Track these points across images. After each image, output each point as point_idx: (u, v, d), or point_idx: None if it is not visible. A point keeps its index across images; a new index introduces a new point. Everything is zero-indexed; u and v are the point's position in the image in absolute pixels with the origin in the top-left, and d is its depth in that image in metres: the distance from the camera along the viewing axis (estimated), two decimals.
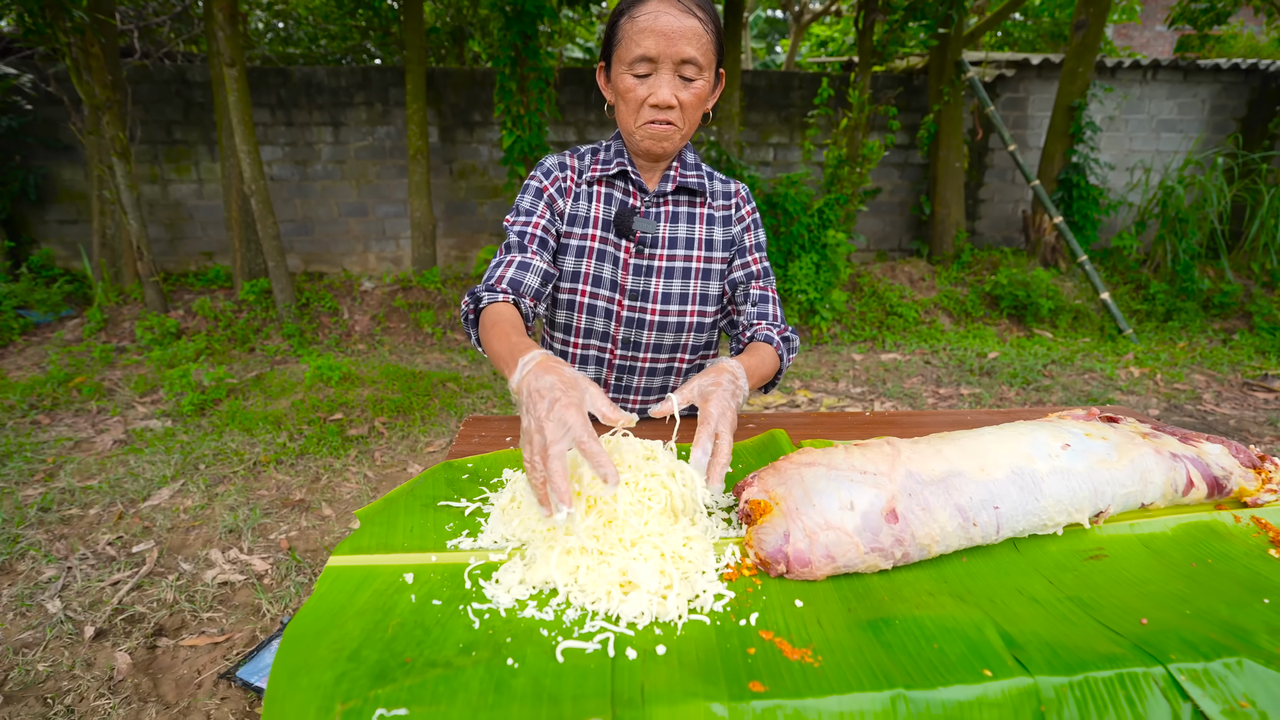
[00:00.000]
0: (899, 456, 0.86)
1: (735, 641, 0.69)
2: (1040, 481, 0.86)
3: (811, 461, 0.86)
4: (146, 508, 2.75)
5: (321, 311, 5.53)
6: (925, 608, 0.75)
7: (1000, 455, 0.88)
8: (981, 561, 0.86)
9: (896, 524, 0.79)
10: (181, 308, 5.41)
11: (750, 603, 0.76)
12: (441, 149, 6.39)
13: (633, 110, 1.15)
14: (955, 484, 0.83)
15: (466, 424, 1.33)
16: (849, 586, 0.80)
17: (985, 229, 6.95)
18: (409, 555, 0.85)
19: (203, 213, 6.26)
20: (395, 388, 3.93)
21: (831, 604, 0.76)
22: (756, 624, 0.72)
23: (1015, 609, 0.76)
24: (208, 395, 3.86)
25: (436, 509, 0.96)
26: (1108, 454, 0.92)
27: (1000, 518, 0.84)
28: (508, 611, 0.74)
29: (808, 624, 0.72)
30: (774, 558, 0.79)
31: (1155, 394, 4.09)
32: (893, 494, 0.81)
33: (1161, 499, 0.94)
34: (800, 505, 0.81)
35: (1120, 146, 6.76)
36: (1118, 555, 0.89)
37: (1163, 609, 0.77)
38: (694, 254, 1.29)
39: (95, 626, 2.04)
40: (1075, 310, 5.50)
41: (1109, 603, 0.78)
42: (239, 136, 4.73)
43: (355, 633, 0.70)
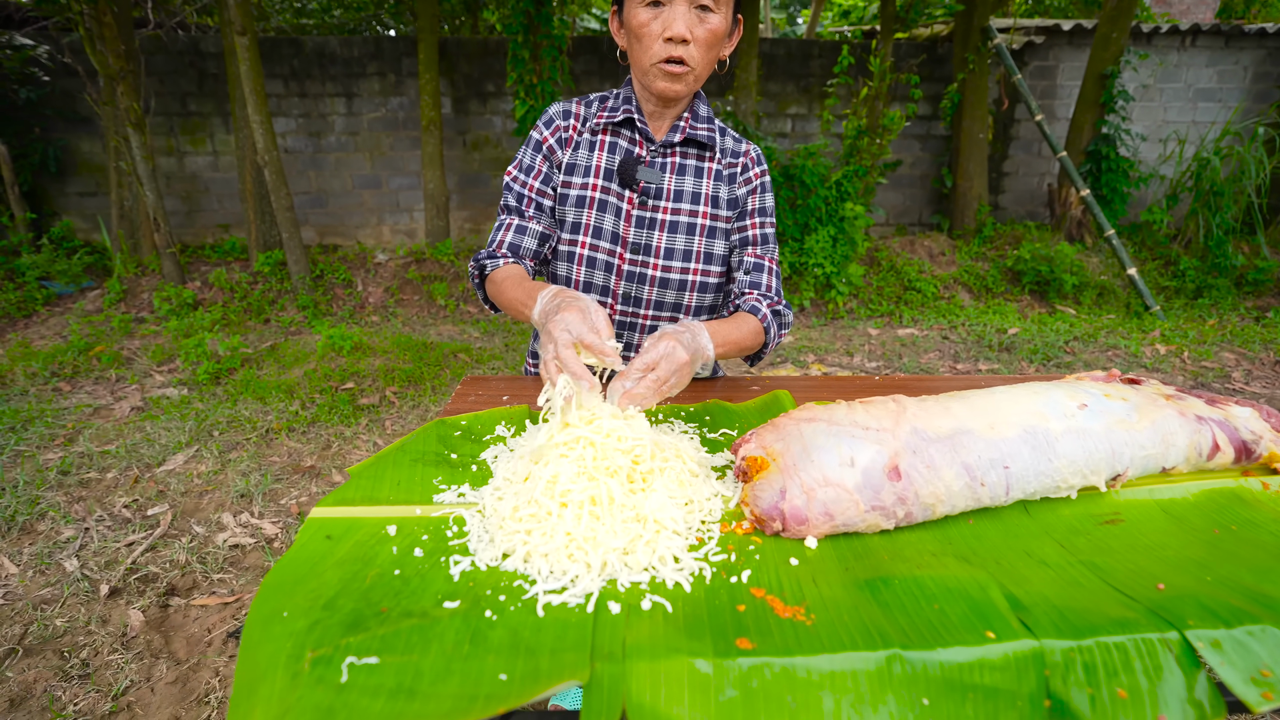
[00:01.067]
0: (904, 413, 0.82)
1: (725, 598, 0.67)
2: (1054, 441, 0.82)
3: (812, 417, 0.83)
4: (162, 472, 2.79)
5: (335, 283, 5.55)
6: (927, 568, 0.71)
7: (1012, 413, 0.84)
8: (989, 524, 0.82)
9: (899, 482, 0.76)
10: (198, 279, 5.45)
11: (744, 560, 0.73)
12: (455, 120, 6.32)
13: (646, 46, 1.09)
14: (963, 442, 0.79)
15: (464, 383, 1.30)
16: (848, 546, 0.76)
17: (1009, 203, 6.76)
18: (393, 508, 0.83)
19: (218, 185, 6.28)
20: (406, 358, 3.94)
21: (828, 562, 0.73)
22: (749, 581, 0.69)
23: (1023, 571, 0.72)
24: (223, 364, 3.89)
25: (425, 464, 0.94)
26: (1127, 415, 0.87)
27: (1010, 478, 0.80)
28: (489, 566, 0.72)
29: (802, 582, 0.69)
30: (769, 515, 0.76)
31: (1182, 372, 3.97)
32: (896, 450, 0.77)
33: (1184, 463, 0.89)
34: (798, 461, 0.77)
35: (1154, 117, 6.51)
36: (1135, 520, 0.84)
37: (1181, 574, 0.72)
38: (700, 209, 1.24)
39: (110, 585, 2.08)
40: (1100, 286, 5.34)
41: (1123, 567, 0.74)
42: (251, 107, 4.71)
43: (333, 582, 0.69)
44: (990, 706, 0.58)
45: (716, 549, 0.74)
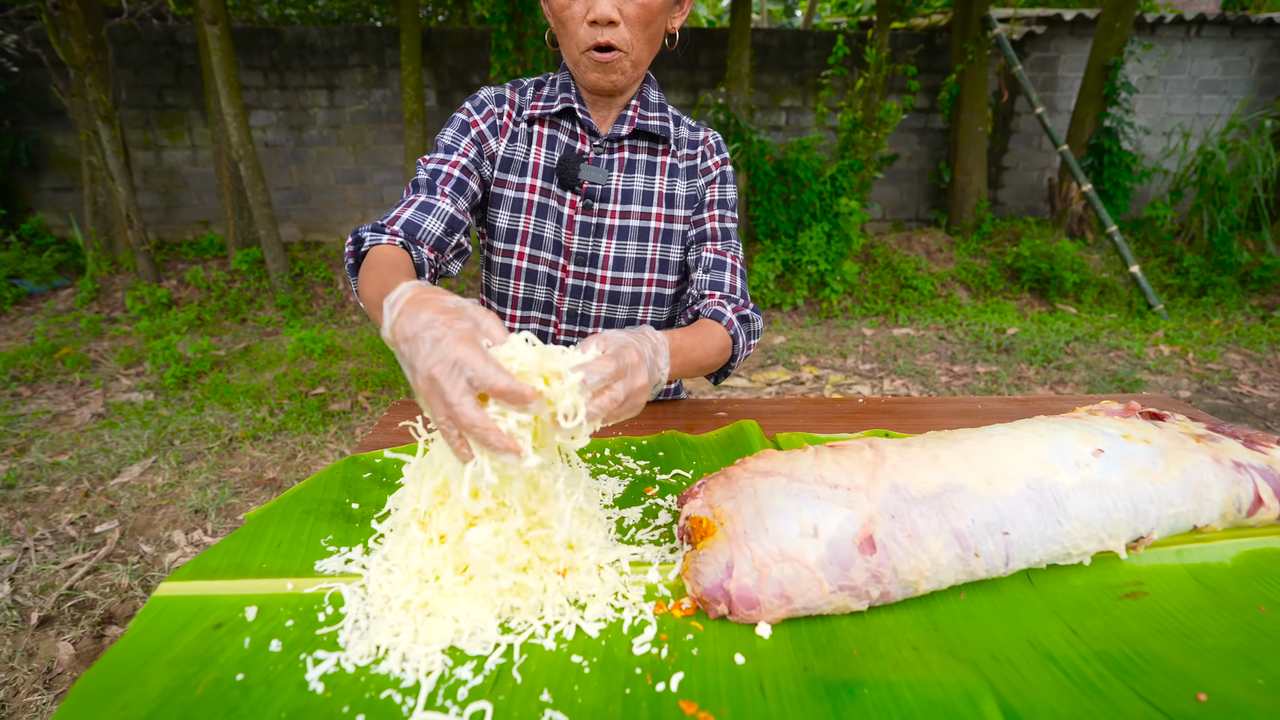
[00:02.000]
0: (882, 465, 0.67)
1: (644, 715, 0.52)
2: (1064, 499, 0.67)
3: (770, 470, 0.68)
4: (114, 485, 2.64)
5: (316, 282, 5.39)
6: (906, 668, 0.57)
7: (1013, 463, 0.69)
8: (984, 599, 0.68)
9: (873, 555, 0.61)
10: (174, 277, 5.30)
11: (677, 656, 0.59)
12: (439, 113, 6.15)
13: (571, 33, 0.94)
14: (953, 501, 0.65)
15: (392, 409, 1.16)
16: (809, 633, 0.62)
17: (1009, 198, 6.60)
18: (260, 581, 0.68)
19: (197, 180, 6.11)
20: (380, 360, 3.79)
21: (783, 659, 0.58)
22: (679, 689, 0.55)
23: (1024, 671, 0.58)
24: (191, 368, 3.74)
25: (319, 517, 0.80)
26: (1151, 462, 0.72)
27: (1010, 546, 0.65)
28: (358, 668, 0.57)
29: (748, 689, 0.55)
30: (712, 595, 0.61)
31: (1187, 374, 3.83)
32: (871, 515, 0.63)
33: (1220, 519, 0.74)
34: (750, 528, 0.63)
35: (1157, 109, 6.35)
36: (1161, 593, 0.70)
37: (1225, 675, 0.58)
38: (652, 210, 1.08)
39: (41, 613, 1.93)
40: (1102, 284, 5.20)
41: (1152, 664, 0.59)
42: (224, 99, 4.55)
43: (153, 694, 0.54)
44: None
45: (645, 643, 0.60)
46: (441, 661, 0.56)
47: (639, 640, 0.59)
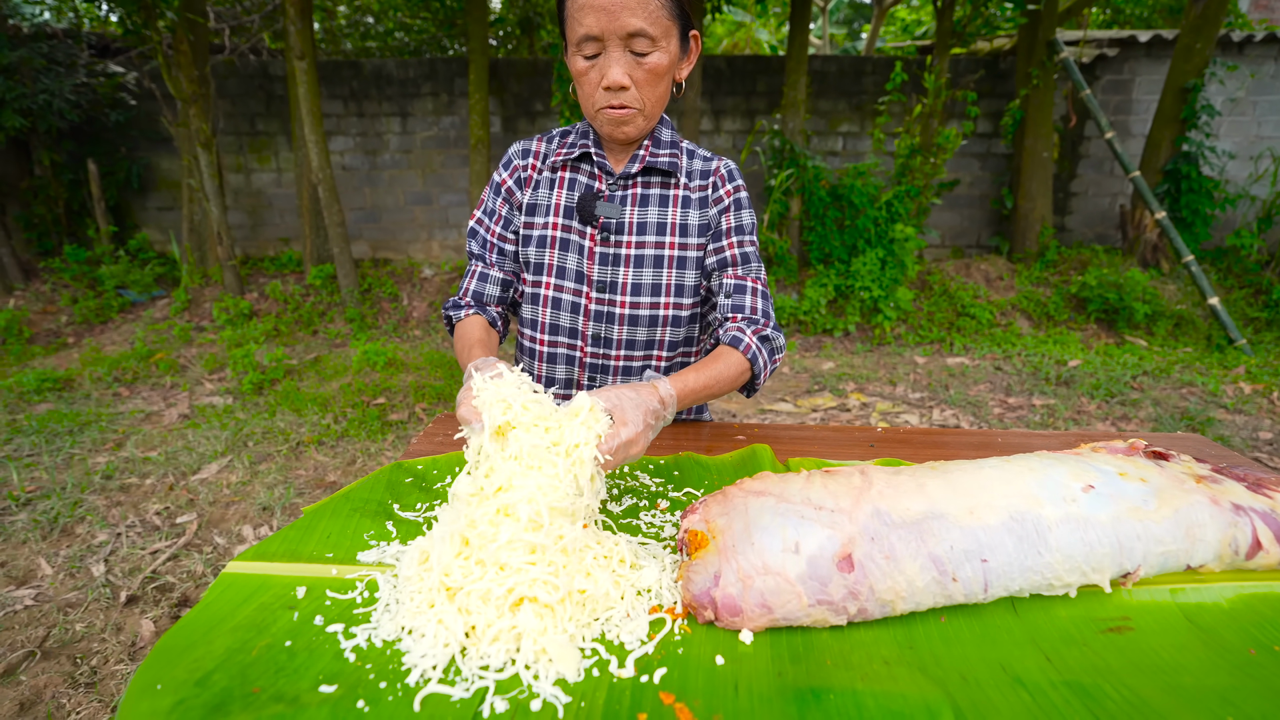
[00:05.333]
0: (868, 490, 0.72)
1: (627, 702, 0.59)
2: (1046, 532, 0.70)
3: (762, 490, 0.74)
4: (195, 481, 2.88)
5: (383, 297, 5.70)
6: (874, 680, 0.61)
7: (999, 495, 0.73)
8: (965, 623, 0.71)
9: (851, 573, 0.66)
10: (256, 290, 5.71)
11: (663, 654, 0.65)
12: (504, 139, 6.44)
13: (588, 95, 1.05)
14: (933, 528, 0.69)
15: (437, 421, 1.26)
16: (788, 642, 0.67)
17: (1077, 225, 6.36)
18: (310, 566, 0.78)
19: (281, 200, 6.58)
20: (438, 374, 3.98)
21: (760, 664, 0.64)
22: (660, 682, 0.61)
23: (989, 692, 0.61)
24: (267, 375, 4.03)
25: (364, 514, 0.90)
26: (1144, 501, 0.74)
27: (989, 573, 0.68)
28: (386, 642, 0.66)
29: (722, 688, 0.60)
30: (700, 601, 0.67)
31: (1270, 414, 3.60)
32: (851, 536, 0.67)
33: (1216, 561, 0.75)
34: (738, 542, 0.69)
35: (1245, 133, 6.01)
36: (1148, 629, 0.71)
37: (1194, 711, 0.60)
38: (666, 240, 1.17)
39: (129, 592, 2.14)
40: (1177, 316, 4.93)
41: (1121, 695, 0.62)
42: (307, 127, 4.92)
43: (218, 652, 0.64)
44: None
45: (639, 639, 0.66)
46: (457, 645, 0.64)
47: (631, 636, 0.66)
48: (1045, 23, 5.27)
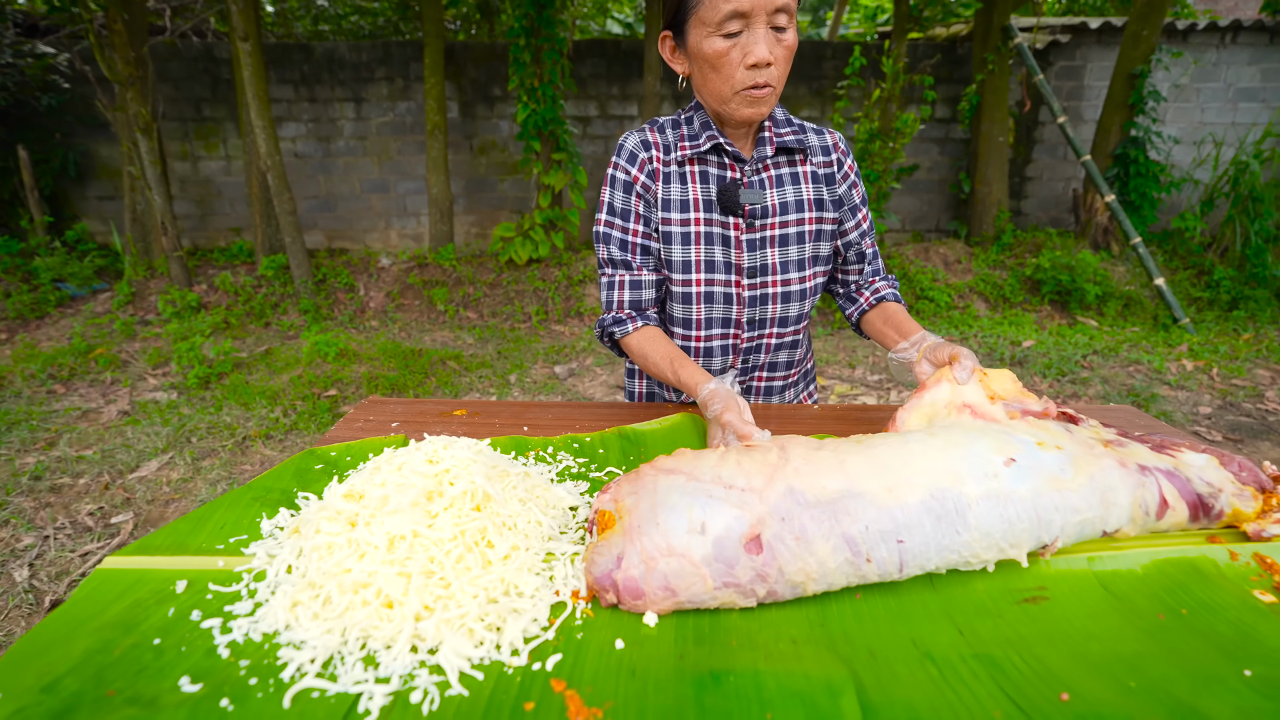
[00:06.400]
0: (784, 467, 0.69)
1: (515, 692, 0.55)
2: (966, 510, 0.68)
3: (673, 468, 0.71)
4: (133, 479, 2.76)
5: (338, 287, 5.55)
6: (778, 659, 0.59)
7: (920, 472, 0.70)
8: (881, 600, 0.69)
9: (760, 555, 0.63)
10: (205, 282, 5.51)
11: (562, 639, 0.62)
12: (461, 124, 6.30)
13: (727, 76, 1.02)
14: (849, 508, 0.66)
15: (360, 407, 1.21)
16: (694, 624, 0.64)
17: (1032, 209, 6.48)
18: (196, 559, 0.73)
19: (230, 189, 6.35)
20: (392, 365, 3.89)
21: (662, 648, 0.61)
22: (554, 669, 0.58)
23: (896, 667, 0.59)
24: (214, 369, 3.89)
25: (265, 503, 0.85)
26: (1061, 470, 0.73)
27: (905, 554, 0.66)
28: (266, 635, 0.61)
29: (619, 674, 0.57)
30: (602, 584, 0.64)
31: (1209, 390, 3.72)
32: (761, 516, 0.65)
33: (1130, 524, 0.74)
34: (643, 522, 0.65)
35: (1189, 119, 6.18)
36: (1063, 598, 0.70)
37: (1098, 678, 0.59)
38: (805, 216, 1.18)
39: (54, 597, 2.03)
40: (1126, 297, 5.07)
41: (1028, 665, 0.60)
42: (254, 112, 4.74)
43: (75, 654, 0.59)
44: None
45: (539, 626, 0.63)
46: (338, 637, 0.60)
47: (531, 622, 0.62)
48: (1000, 8, 5.33)
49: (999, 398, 0.87)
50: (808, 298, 1.22)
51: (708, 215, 1.15)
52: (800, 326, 1.27)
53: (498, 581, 0.65)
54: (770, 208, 1.16)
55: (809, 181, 1.18)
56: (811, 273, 1.21)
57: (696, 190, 1.15)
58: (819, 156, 1.20)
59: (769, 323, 1.22)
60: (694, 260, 1.16)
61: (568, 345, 4.51)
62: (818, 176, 1.19)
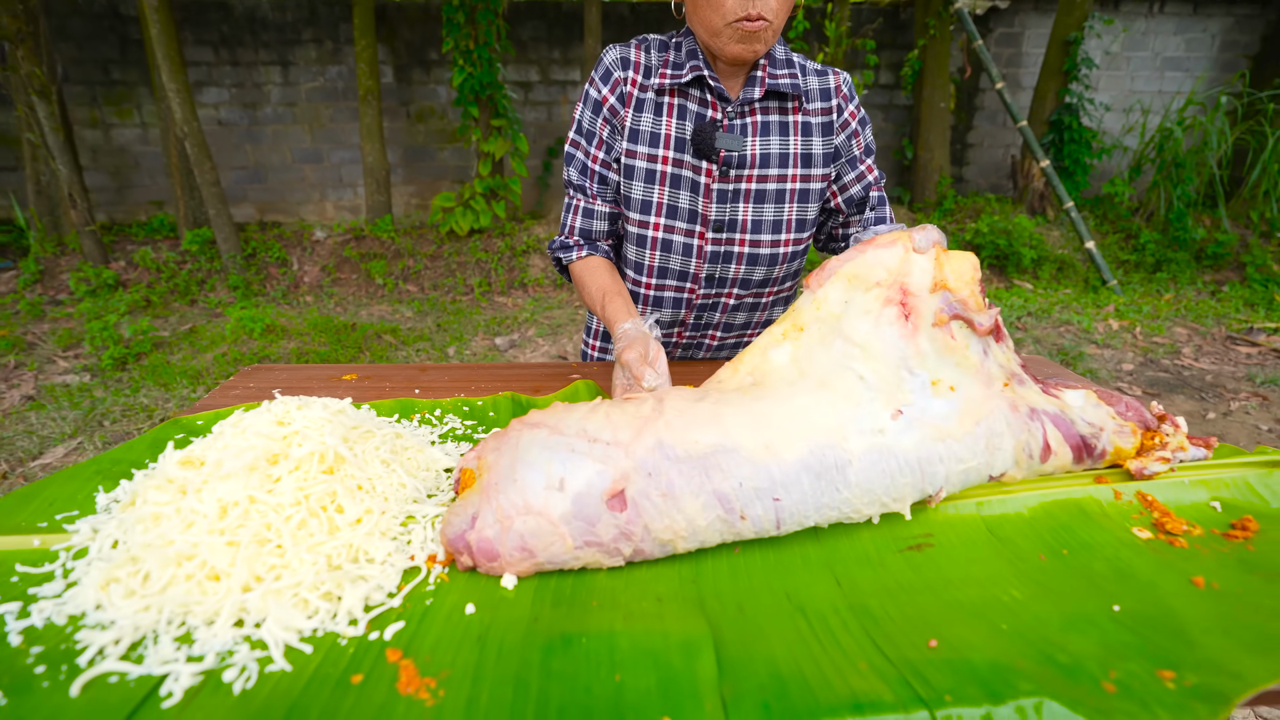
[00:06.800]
0: (656, 420, 0.65)
1: (343, 665, 0.50)
2: (847, 466, 0.65)
3: (537, 422, 0.66)
4: (35, 467, 2.58)
5: (269, 262, 5.29)
6: (638, 618, 0.55)
7: (801, 427, 0.67)
8: (760, 555, 0.66)
9: (624, 513, 0.59)
10: (123, 259, 5.17)
11: (411, 605, 0.57)
12: (397, 90, 6.02)
13: (718, 5, 0.91)
14: (721, 464, 0.63)
15: (243, 374, 1.13)
16: (556, 586, 0.60)
17: (974, 175, 6.60)
18: (10, 538, 0.65)
19: (148, 159, 5.95)
20: (323, 340, 3.73)
21: (517, 611, 0.57)
22: (393, 638, 0.53)
23: (763, 622, 0.56)
24: (131, 349, 3.66)
25: (110, 477, 0.77)
26: (946, 419, 0.70)
27: (782, 511, 0.63)
28: (72, 618, 0.55)
29: (463, 641, 0.53)
30: (455, 546, 0.59)
31: (1133, 347, 3.87)
32: (625, 472, 0.60)
33: (1015, 468, 0.73)
34: (501, 480, 0.61)
35: (1120, 86, 6.34)
36: (948, 545, 0.69)
37: (971, 623, 0.57)
38: (789, 172, 1.05)
39: None
40: (1060, 260, 5.22)
41: (902, 614, 0.58)
42: (165, 74, 4.41)
43: None
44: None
45: (385, 593, 0.57)
46: (153, 615, 0.54)
47: (378, 590, 0.57)
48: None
49: (944, 287, 0.75)
50: (778, 264, 1.12)
51: (678, 155, 1.04)
52: (764, 292, 1.16)
53: (344, 548, 0.60)
54: (750, 158, 1.04)
55: (798, 133, 1.06)
56: (787, 238, 1.09)
57: (671, 125, 1.03)
58: (816, 102, 1.06)
59: (729, 283, 1.13)
60: (655, 202, 1.06)
61: (510, 317, 4.41)
62: (811, 128, 1.06)
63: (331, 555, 0.59)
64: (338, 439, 0.67)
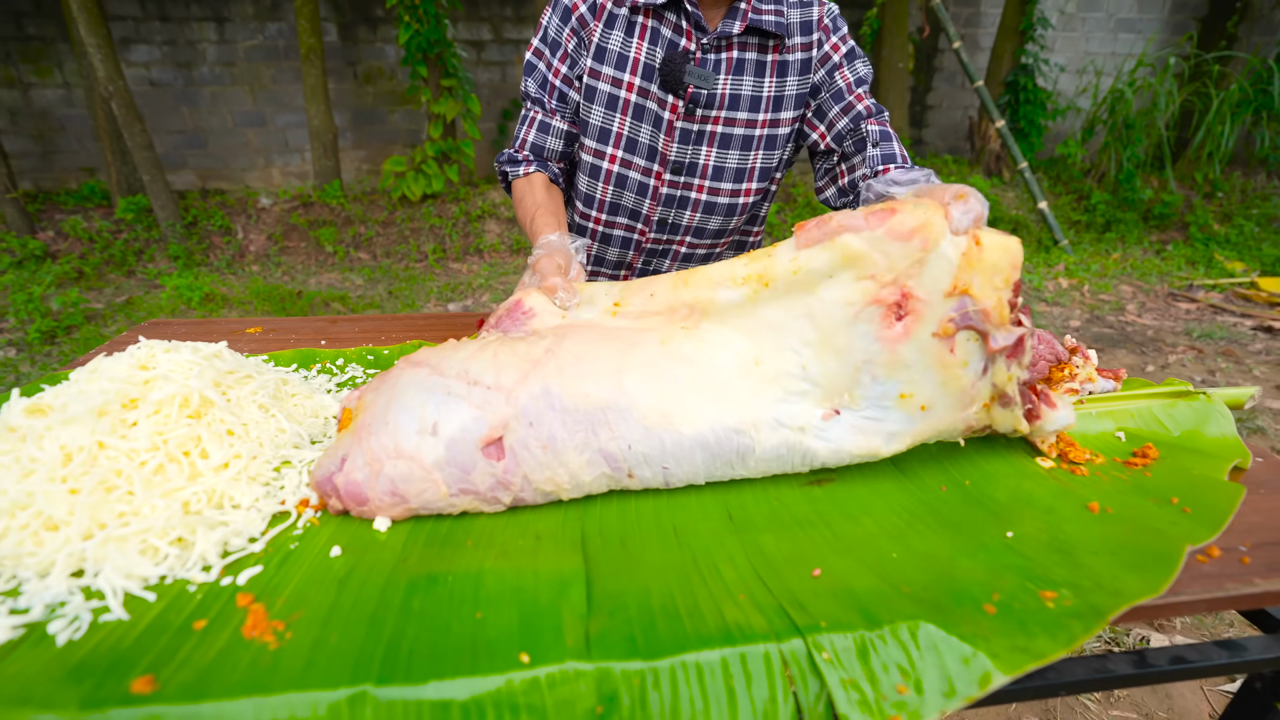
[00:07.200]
0: (547, 364, 0.61)
1: (187, 610, 0.47)
2: (748, 455, 0.62)
3: (420, 361, 0.62)
4: None
5: (212, 231, 5.07)
6: (511, 556, 0.53)
7: (708, 407, 0.62)
8: (655, 496, 0.64)
9: (501, 462, 0.56)
10: (51, 228, 4.90)
11: (275, 549, 0.53)
12: (342, 49, 5.75)
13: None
14: (610, 421, 0.59)
15: (137, 329, 1.06)
16: (430, 528, 0.57)
17: (933, 137, 6.61)
18: None
19: (75, 122, 5.60)
20: (266, 309, 3.60)
21: (386, 554, 0.54)
22: (247, 582, 0.49)
23: (646, 558, 0.54)
24: (61, 322, 3.49)
25: None
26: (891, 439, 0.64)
27: (671, 477, 0.61)
28: None
29: (323, 584, 0.50)
30: (324, 489, 0.56)
31: (1080, 305, 3.96)
32: (504, 419, 0.57)
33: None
34: (374, 421, 0.57)
35: (1076, 48, 6.39)
36: (851, 478, 0.68)
37: (858, 554, 0.56)
38: (759, 117, 0.97)
39: None
40: (1015, 221, 5.29)
41: (791, 547, 0.57)
42: (84, 28, 4.13)
43: None
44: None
45: (247, 538, 0.54)
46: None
47: (236, 535, 0.54)
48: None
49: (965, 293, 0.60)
50: (736, 214, 1.06)
51: (645, 84, 0.95)
52: (718, 242, 1.10)
53: (204, 493, 0.56)
54: (719, 97, 0.96)
55: (774, 74, 0.97)
56: (749, 186, 1.03)
57: (641, 49, 0.95)
58: (797, 37, 0.97)
59: (682, 230, 1.06)
60: (615, 132, 0.98)
61: (464, 283, 4.31)
62: (788, 67, 0.97)
63: (190, 501, 0.55)
64: (206, 382, 0.63)
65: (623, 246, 1.10)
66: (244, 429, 0.63)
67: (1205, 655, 0.63)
